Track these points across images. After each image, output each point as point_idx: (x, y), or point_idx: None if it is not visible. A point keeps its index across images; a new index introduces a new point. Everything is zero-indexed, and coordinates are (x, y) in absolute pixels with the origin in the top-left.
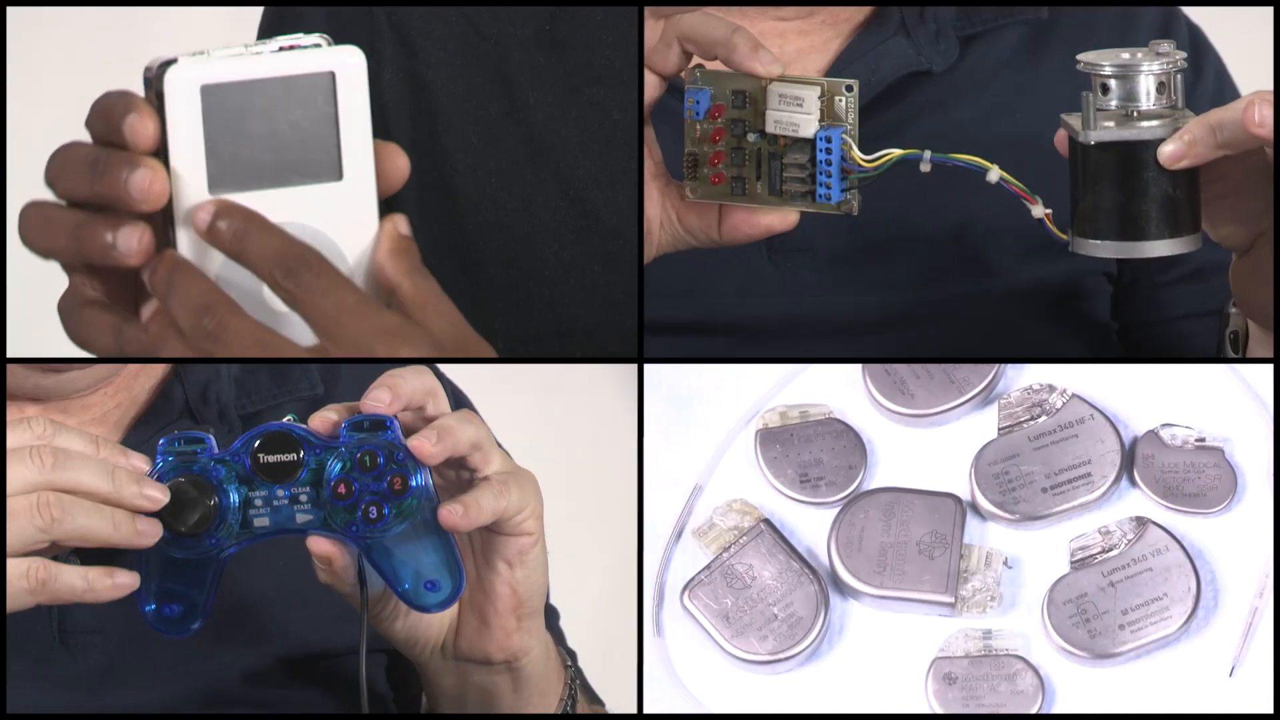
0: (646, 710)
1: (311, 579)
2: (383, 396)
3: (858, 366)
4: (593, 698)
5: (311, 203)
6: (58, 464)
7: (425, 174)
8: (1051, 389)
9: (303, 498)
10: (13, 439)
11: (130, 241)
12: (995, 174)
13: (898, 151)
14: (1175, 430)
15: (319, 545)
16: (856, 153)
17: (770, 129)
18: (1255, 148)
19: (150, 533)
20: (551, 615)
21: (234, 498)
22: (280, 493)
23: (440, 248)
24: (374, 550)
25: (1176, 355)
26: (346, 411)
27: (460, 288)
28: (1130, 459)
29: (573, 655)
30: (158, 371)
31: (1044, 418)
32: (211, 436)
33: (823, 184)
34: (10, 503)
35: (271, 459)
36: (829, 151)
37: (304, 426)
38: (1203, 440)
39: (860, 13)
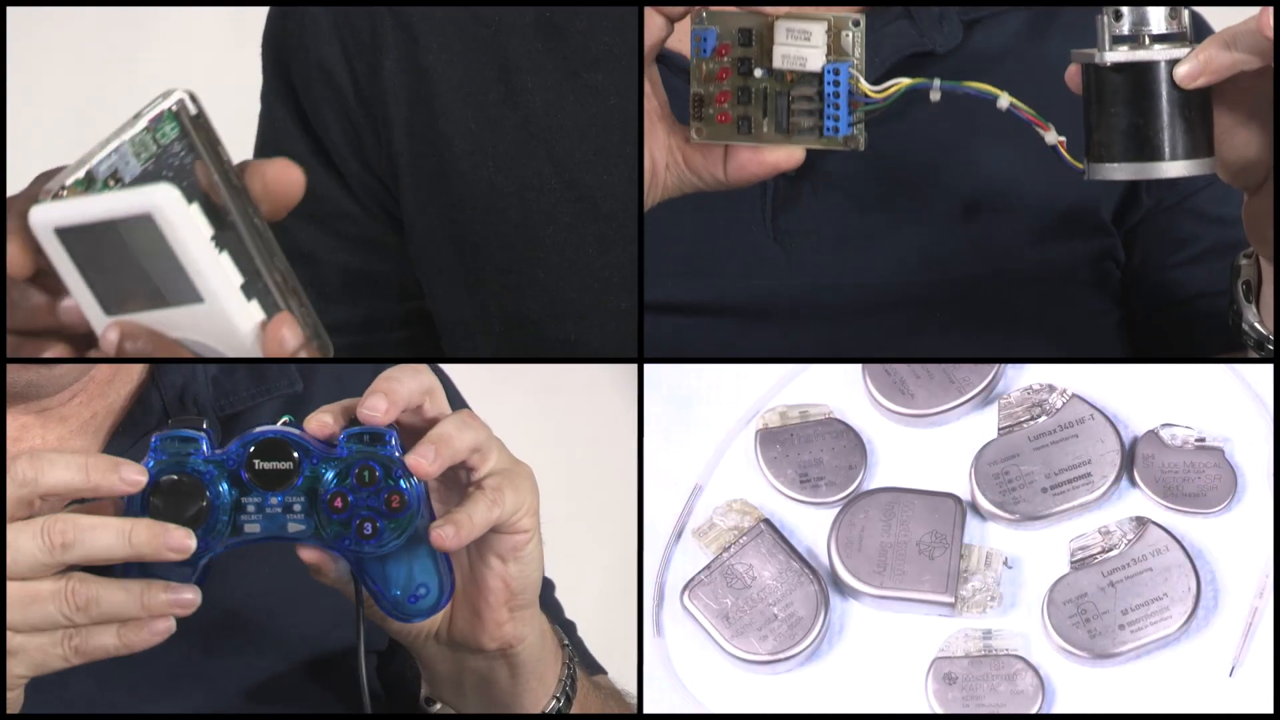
0: (646, 710)
1: (301, 583)
2: (378, 405)
3: (858, 366)
4: (592, 667)
5: (192, 322)
6: (67, 545)
7: (424, 159)
8: (1051, 389)
9: (296, 507)
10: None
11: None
12: (1005, 100)
13: (906, 81)
14: (1175, 430)
15: (309, 555)
16: (865, 84)
17: (778, 64)
18: (1265, 68)
19: (185, 603)
20: (546, 587)
21: (226, 501)
22: (274, 500)
23: (437, 232)
24: (365, 562)
25: (1191, 336)
26: (343, 414)
27: (457, 272)
28: (1130, 459)
29: (570, 627)
30: (133, 376)
31: (1044, 418)
32: (206, 435)
33: (830, 117)
34: (32, 587)
35: (267, 466)
36: (837, 84)
37: (300, 433)
38: (1203, 440)
39: (858, 5)
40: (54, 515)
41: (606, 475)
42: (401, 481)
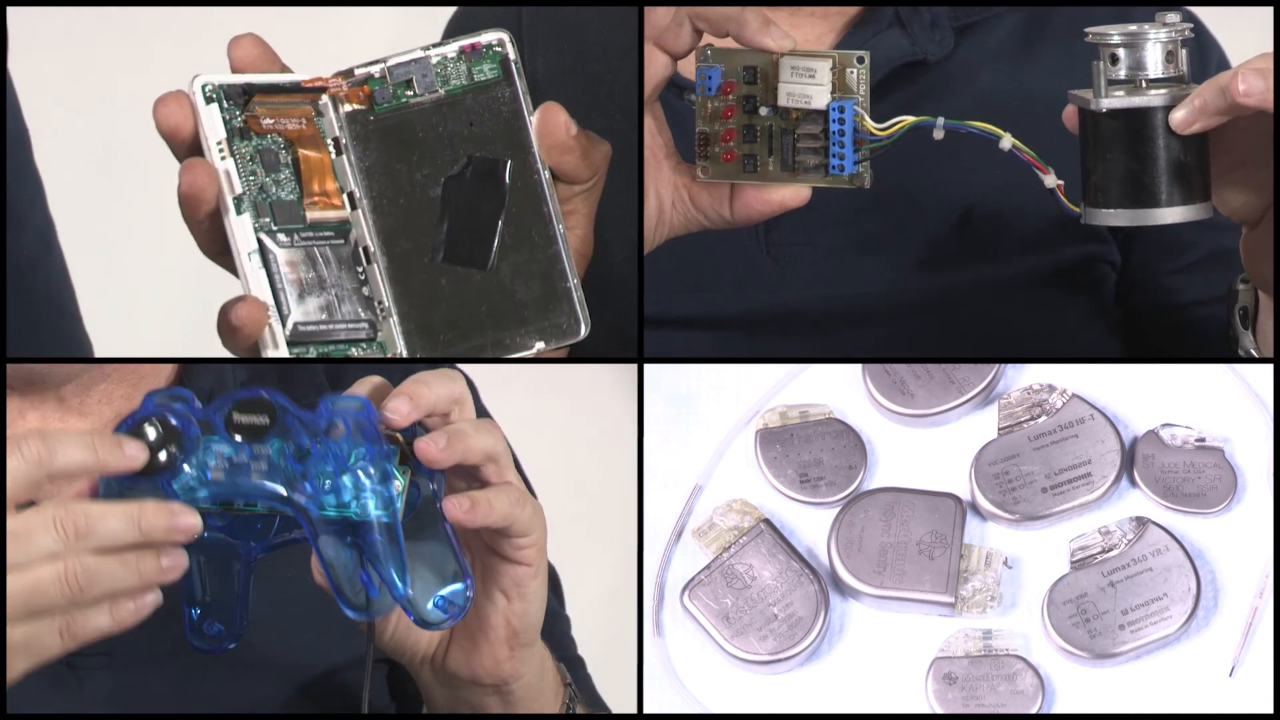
0: (646, 710)
1: (304, 602)
2: (400, 407)
3: (858, 366)
4: (595, 704)
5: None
6: (80, 534)
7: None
8: (1051, 389)
9: (264, 461)
10: (11, 468)
11: None
12: (1008, 141)
13: (910, 119)
14: (1175, 430)
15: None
16: (869, 122)
17: (783, 102)
18: (1260, 114)
19: (177, 566)
20: (562, 622)
21: (197, 446)
22: (243, 451)
23: None
24: (376, 561)
25: (1186, 342)
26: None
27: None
28: (1130, 459)
29: (579, 663)
30: (160, 380)
31: (1044, 418)
32: (195, 396)
33: (836, 155)
34: (32, 576)
35: (244, 419)
36: (842, 122)
37: (287, 398)
38: (1203, 440)
39: (852, 8)
40: (64, 506)
41: (606, 475)
42: (368, 445)
